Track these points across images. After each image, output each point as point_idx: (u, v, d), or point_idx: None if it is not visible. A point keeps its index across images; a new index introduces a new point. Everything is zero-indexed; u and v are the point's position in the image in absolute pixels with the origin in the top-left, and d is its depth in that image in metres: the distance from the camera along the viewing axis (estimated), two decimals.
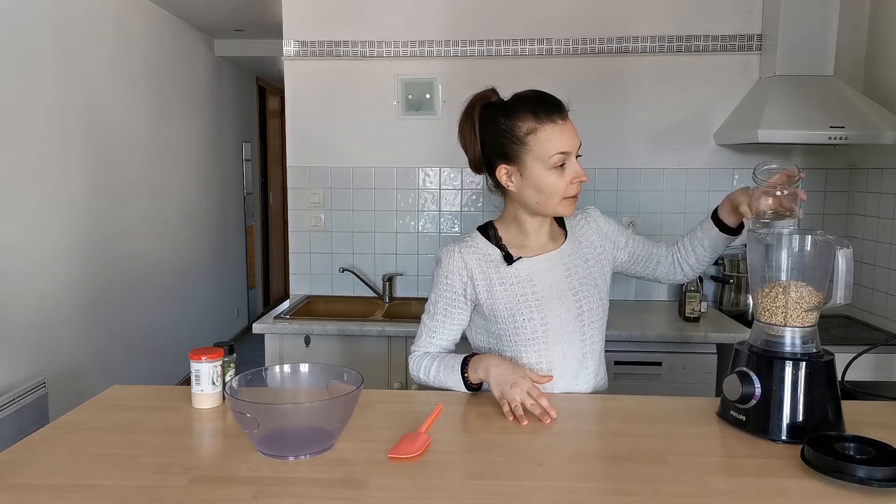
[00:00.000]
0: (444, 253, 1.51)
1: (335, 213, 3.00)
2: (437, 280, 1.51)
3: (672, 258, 1.59)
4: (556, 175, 1.38)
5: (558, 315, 1.45)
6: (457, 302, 1.50)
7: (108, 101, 3.54)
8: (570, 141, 1.38)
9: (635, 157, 2.90)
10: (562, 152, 1.37)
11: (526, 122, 1.37)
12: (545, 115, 1.37)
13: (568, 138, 1.38)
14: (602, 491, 1.02)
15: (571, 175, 1.39)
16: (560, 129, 1.37)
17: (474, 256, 1.48)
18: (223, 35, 5.01)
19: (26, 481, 1.05)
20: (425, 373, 1.51)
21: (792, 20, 2.61)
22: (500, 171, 1.42)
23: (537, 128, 1.37)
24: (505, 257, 1.47)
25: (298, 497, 1.00)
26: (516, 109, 1.39)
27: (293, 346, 2.52)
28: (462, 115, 1.44)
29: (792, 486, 1.03)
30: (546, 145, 1.37)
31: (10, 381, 2.75)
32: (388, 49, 2.90)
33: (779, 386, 1.21)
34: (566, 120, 1.39)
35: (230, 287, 5.54)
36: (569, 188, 1.40)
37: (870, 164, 2.71)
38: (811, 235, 1.24)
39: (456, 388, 1.46)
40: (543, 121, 1.37)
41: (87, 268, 3.32)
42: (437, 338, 1.54)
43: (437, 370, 1.48)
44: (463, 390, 1.45)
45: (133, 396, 1.45)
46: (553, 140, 1.37)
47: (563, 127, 1.38)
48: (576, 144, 1.39)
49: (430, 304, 1.54)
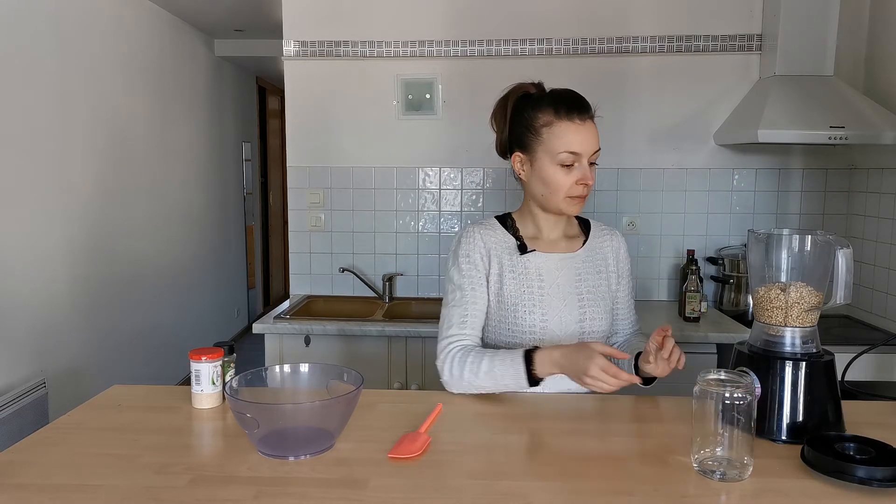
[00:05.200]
0: (464, 234, 1.50)
1: (335, 213, 3.00)
2: (458, 261, 1.48)
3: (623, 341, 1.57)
4: (562, 172, 1.40)
5: (559, 316, 1.45)
6: (481, 280, 1.47)
7: (108, 102, 3.54)
8: (583, 143, 1.40)
9: (635, 157, 2.90)
10: (571, 151, 1.39)
11: (545, 115, 1.41)
12: (564, 112, 1.40)
13: (581, 140, 1.39)
14: (602, 491, 1.02)
15: (578, 176, 1.40)
16: (575, 129, 1.39)
17: (492, 239, 1.49)
18: (223, 35, 5.01)
19: (26, 481, 1.05)
20: (472, 371, 1.37)
21: (792, 20, 2.61)
22: (515, 157, 1.48)
23: (553, 122, 1.40)
24: (519, 247, 1.48)
25: (298, 497, 1.00)
26: (541, 102, 1.43)
27: (293, 346, 2.52)
28: (499, 99, 1.50)
29: (792, 486, 1.03)
30: (557, 141, 1.39)
31: (10, 381, 2.75)
32: (388, 49, 2.90)
33: (779, 386, 1.21)
34: (585, 121, 1.40)
35: (230, 287, 5.54)
36: (573, 188, 1.41)
37: (870, 164, 2.71)
38: (811, 235, 1.24)
39: (511, 387, 1.36)
40: (561, 117, 1.40)
41: (87, 268, 3.32)
42: (471, 325, 1.45)
43: (489, 365, 1.36)
44: (521, 388, 1.36)
45: (133, 396, 1.45)
46: (565, 137, 1.39)
47: (580, 127, 1.40)
48: (589, 148, 1.40)
49: (453, 292, 1.47)
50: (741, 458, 1.06)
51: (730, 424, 1.06)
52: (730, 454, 1.06)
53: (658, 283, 2.93)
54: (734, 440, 1.06)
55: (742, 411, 1.05)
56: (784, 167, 2.88)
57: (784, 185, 2.89)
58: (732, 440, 1.06)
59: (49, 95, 3.01)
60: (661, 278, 2.94)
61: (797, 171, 2.88)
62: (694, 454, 1.09)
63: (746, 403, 1.05)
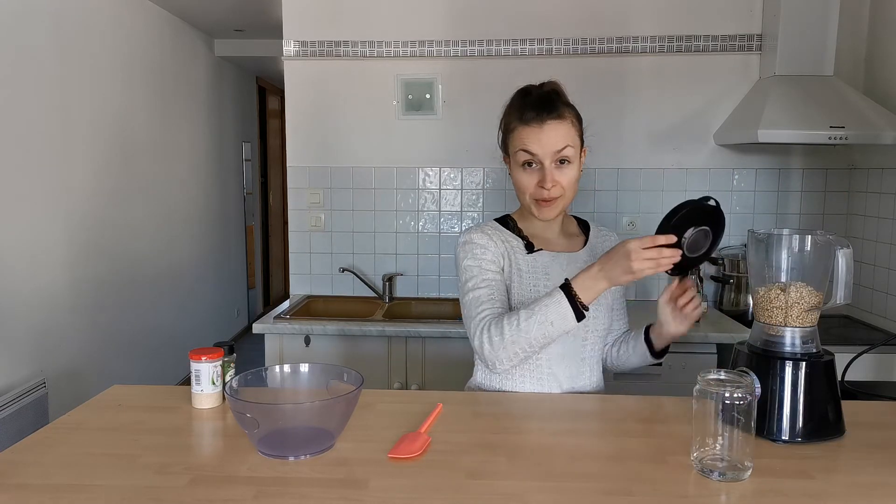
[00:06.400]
0: (474, 232, 1.47)
1: (335, 213, 3.00)
2: (474, 252, 1.44)
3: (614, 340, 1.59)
4: (525, 174, 1.42)
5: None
6: (499, 273, 1.44)
7: (108, 102, 3.54)
8: (539, 144, 1.38)
9: (635, 157, 2.90)
10: (526, 150, 1.39)
11: (511, 118, 1.44)
12: (524, 114, 1.40)
13: (536, 140, 1.38)
14: (602, 491, 1.02)
15: (538, 178, 1.40)
16: (530, 130, 1.39)
17: (500, 239, 1.48)
18: (223, 35, 5.01)
19: (26, 481, 1.05)
20: (513, 327, 1.30)
21: (792, 20, 2.61)
22: (505, 159, 1.50)
23: (516, 126, 1.42)
24: (526, 246, 1.48)
25: (298, 497, 1.00)
26: (512, 107, 1.45)
27: (293, 346, 2.52)
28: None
29: (792, 486, 1.03)
30: (515, 143, 1.42)
31: (10, 381, 2.75)
32: (388, 49, 2.90)
33: (779, 386, 1.21)
34: (545, 122, 1.38)
35: (230, 287, 5.54)
36: (536, 190, 1.40)
37: (870, 164, 2.71)
38: (811, 235, 1.24)
39: (559, 325, 1.29)
40: (521, 120, 1.41)
41: (87, 268, 3.32)
42: (500, 301, 1.40)
43: (528, 313, 1.30)
44: (569, 325, 1.30)
45: (133, 396, 1.45)
46: (522, 139, 1.40)
47: (535, 129, 1.38)
48: (546, 148, 1.38)
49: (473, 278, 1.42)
50: (741, 458, 1.06)
51: (730, 424, 1.06)
52: (730, 454, 1.06)
53: (658, 283, 2.93)
54: (734, 440, 1.06)
55: (742, 411, 1.05)
56: (784, 167, 2.88)
57: (784, 185, 2.89)
58: (732, 440, 1.06)
59: (49, 96, 3.01)
60: (660, 278, 2.93)
61: (797, 171, 2.88)
62: (694, 454, 1.09)
63: (746, 403, 1.05)
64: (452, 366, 2.46)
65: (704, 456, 1.08)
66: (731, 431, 1.06)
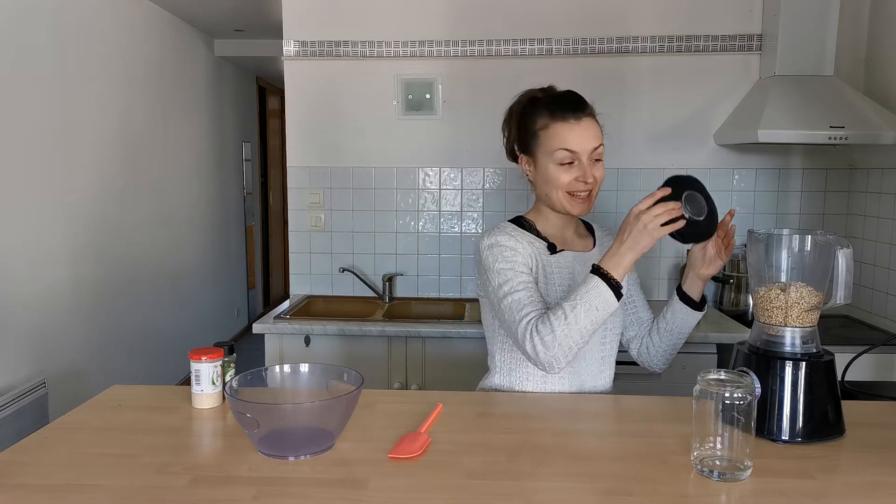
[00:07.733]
0: (498, 233, 1.45)
1: (335, 213, 3.00)
2: (504, 257, 1.41)
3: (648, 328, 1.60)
4: (562, 171, 1.42)
5: None
6: (531, 275, 1.42)
7: (108, 102, 3.54)
8: (579, 141, 1.41)
9: (635, 157, 2.90)
10: (566, 149, 1.40)
11: (542, 118, 1.44)
12: (559, 112, 1.42)
13: (576, 137, 1.41)
14: (602, 491, 1.02)
15: (577, 173, 1.41)
16: (569, 128, 1.41)
17: (525, 241, 1.47)
18: (223, 35, 5.01)
19: (26, 481, 1.05)
20: (560, 321, 1.29)
21: (792, 20, 2.61)
22: (522, 160, 1.51)
23: (549, 124, 1.42)
24: (548, 247, 1.49)
25: (298, 497, 1.00)
26: (538, 106, 1.45)
27: (293, 346, 2.52)
28: (508, 107, 1.53)
29: (792, 486, 1.03)
30: (552, 141, 1.42)
31: (10, 381, 2.75)
32: (388, 49, 2.90)
33: (779, 386, 1.21)
34: (580, 120, 1.42)
35: (230, 287, 5.54)
36: (573, 184, 1.42)
37: (870, 164, 2.71)
38: (811, 235, 1.24)
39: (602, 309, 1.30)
40: (556, 118, 1.42)
41: (87, 268, 3.32)
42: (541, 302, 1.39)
43: (571, 305, 1.29)
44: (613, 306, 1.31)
45: (133, 396, 1.45)
46: (560, 137, 1.41)
47: (574, 126, 1.41)
48: (586, 145, 1.41)
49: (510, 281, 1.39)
50: (741, 458, 1.06)
51: (730, 424, 1.06)
52: (730, 454, 1.06)
53: (658, 283, 2.93)
54: (734, 440, 1.06)
55: (742, 411, 1.05)
56: (784, 167, 2.88)
57: (784, 185, 2.89)
58: (732, 440, 1.06)
59: (49, 96, 3.01)
60: (661, 278, 2.94)
61: (797, 171, 2.88)
62: (694, 454, 1.09)
63: (746, 403, 1.05)
64: (452, 366, 2.46)
65: (704, 456, 1.08)
66: (731, 431, 1.06)
